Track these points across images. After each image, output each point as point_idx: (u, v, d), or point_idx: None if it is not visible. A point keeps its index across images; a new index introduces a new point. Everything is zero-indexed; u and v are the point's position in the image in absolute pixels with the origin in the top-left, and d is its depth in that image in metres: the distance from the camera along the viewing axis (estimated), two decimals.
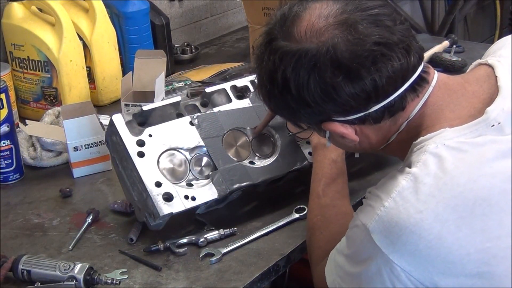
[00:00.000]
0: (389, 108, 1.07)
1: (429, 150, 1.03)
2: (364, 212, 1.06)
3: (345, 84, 1.03)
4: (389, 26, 1.05)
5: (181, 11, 2.63)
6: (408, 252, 0.99)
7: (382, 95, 1.05)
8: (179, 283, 1.27)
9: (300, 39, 1.05)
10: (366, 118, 1.08)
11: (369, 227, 1.03)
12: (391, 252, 1.00)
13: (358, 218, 1.07)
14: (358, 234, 1.06)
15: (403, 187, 1.02)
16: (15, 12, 1.92)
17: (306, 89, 1.05)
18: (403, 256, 1.00)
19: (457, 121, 1.06)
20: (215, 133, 1.43)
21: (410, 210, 0.99)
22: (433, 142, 1.04)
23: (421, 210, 0.99)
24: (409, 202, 1.00)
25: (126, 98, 1.82)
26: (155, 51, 2.01)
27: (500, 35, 4.22)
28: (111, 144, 1.41)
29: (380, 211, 1.02)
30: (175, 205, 1.32)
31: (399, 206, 1.00)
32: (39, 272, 1.27)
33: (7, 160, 1.64)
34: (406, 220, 0.99)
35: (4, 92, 1.60)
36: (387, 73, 1.03)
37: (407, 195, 1.01)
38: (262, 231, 1.39)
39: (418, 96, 1.08)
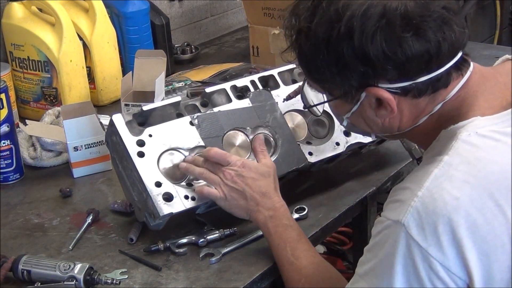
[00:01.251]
0: (434, 82, 1.05)
1: (461, 138, 1.02)
2: (393, 209, 1.02)
3: (413, 41, 1.01)
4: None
5: (181, 11, 2.63)
6: (447, 243, 0.96)
7: (437, 64, 1.04)
8: (179, 283, 1.27)
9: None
10: (411, 89, 1.06)
11: (404, 221, 0.98)
12: (429, 245, 0.96)
13: (386, 219, 1.02)
14: (390, 234, 1.01)
15: (436, 174, 0.99)
16: (15, 12, 1.92)
17: (371, 41, 1.02)
18: (442, 248, 0.96)
19: (489, 111, 1.05)
20: (215, 133, 1.43)
21: (446, 197, 0.97)
22: (465, 130, 1.03)
23: (457, 197, 0.96)
24: (444, 189, 0.97)
25: (126, 98, 1.82)
26: (155, 51, 2.01)
27: (500, 35, 4.21)
28: (111, 144, 1.41)
29: (413, 202, 0.98)
30: (175, 205, 1.32)
31: (433, 194, 0.97)
32: (39, 272, 1.27)
33: (7, 160, 1.64)
34: (443, 208, 0.96)
35: (4, 92, 1.60)
36: (450, 39, 1.03)
37: (442, 182, 0.98)
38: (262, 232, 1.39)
39: (461, 75, 1.07)
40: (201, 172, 1.35)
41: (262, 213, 1.31)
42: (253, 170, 1.33)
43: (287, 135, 1.48)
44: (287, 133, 1.48)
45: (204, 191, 1.33)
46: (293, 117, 1.52)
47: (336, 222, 1.46)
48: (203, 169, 1.35)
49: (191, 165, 1.36)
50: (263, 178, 1.33)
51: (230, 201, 1.33)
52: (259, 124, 1.48)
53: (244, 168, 1.33)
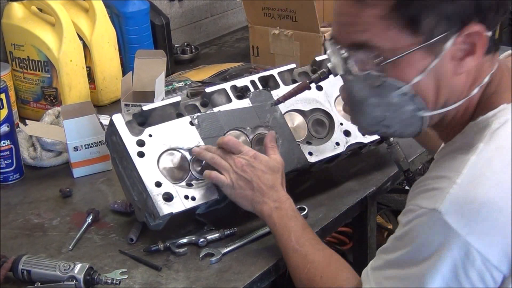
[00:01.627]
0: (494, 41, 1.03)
1: (494, 126, 1.00)
2: (427, 198, 0.98)
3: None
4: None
5: (181, 11, 2.63)
6: (487, 230, 0.93)
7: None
8: (179, 283, 1.27)
9: None
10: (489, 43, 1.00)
11: (441, 209, 0.94)
12: (468, 233, 0.93)
13: (420, 207, 0.98)
14: (424, 223, 0.97)
15: (474, 162, 0.96)
16: (15, 12, 1.92)
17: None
18: (482, 236, 0.93)
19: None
20: (215, 133, 1.43)
21: (487, 184, 0.94)
22: (496, 118, 1.01)
23: (498, 183, 0.94)
24: (484, 175, 0.95)
25: (126, 98, 1.82)
26: (155, 51, 2.01)
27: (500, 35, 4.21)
28: (111, 144, 1.41)
29: (452, 189, 0.95)
30: (175, 205, 1.32)
31: (473, 180, 0.95)
32: (39, 272, 1.27)
33: (7, 160, 1.64)
34: (484, 195, 0.93)
35: (4, 92, 1.60)
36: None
37: (480, 169, 0.96)
38: (262, 231, 1.39)
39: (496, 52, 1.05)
40: (212, 157, 1.35)
41: (267, 204, 1.31)
42: (263, 163, 1.33)
43: (287, 135, 1.48)
44: (287, 133, 1.48)
45: (212, 175, 1.34)
46: (293, 117, 1.52)
47: (336, 222, 1.46)
48: (215, 154, 1.35)
49: (204, 150, 1.37)
50: (272, 172, 1.33)
51: (237, 189, 1.32)
52: (259, 124, 1.48)
53: (255, 160, 1.33)
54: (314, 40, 2.13)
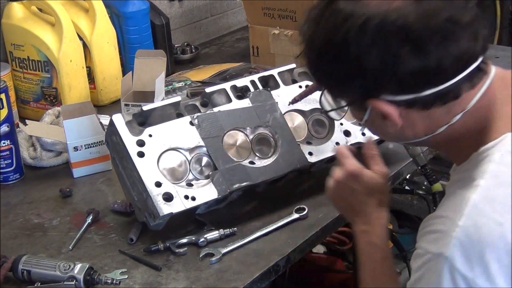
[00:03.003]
0: (442, 95, 1.00)
1: (495, 159, 0.98)
2: (432, 241, 0.97)
3: (410, 56, 0.96)
4: (461, 5, 0.99)
5: (181, 11, 2.63)
6: (495, 271, 0.92)
7: (441, 78, 0.99)
8: (179, 283, 1.27)
9: (367, 3, 0.98)
10: (416, 101, 1.01)
11: (447, 254, 0.94)
12: (476, 276, 0.93)
13: (428, 252, 0.98)
14: (433, 268, 0.96)
15: (475, 201, 0.95)
16: (15, 12, 1.92)
17: (366, 56, 0.98)
18: (490, 278, 0.92)
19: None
20: (215, 133, 1.43)
21: (490, 224, 0.93)
22: (497, 150, 0.99)
23: (502, 222, 0.92)
24: (487, 215, 0.93)
25: (126, 98, 1.82)
26: (155, 51, 2.01)
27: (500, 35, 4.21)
28: (111, 144, 1.41)
29: (455, 233, 0.94)
30: (175, 205, 1.32)
31: (476, 221, 0.93)
32: (39, 272, 1.27)
33: (7, 160, 1.64)
34: (488, 236, 0.92)
35: (4, 92, 1.60)
36: (454, 53, 0.97)
37: (483, 208, 0.94)
38: (262, 231, 1.39)
39: (474, 87, 1.02)
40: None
41: (356, 225, 1.26)
42: (362, 184, 1.24)
43: (287, 135, 1.48)
44: (287, 133, 1.48)
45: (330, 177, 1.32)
46: (293, 117, 1.52)
47: (336, 222, 1.46)
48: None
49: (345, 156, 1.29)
50: (370, 194, 1.24)
51: (333, 200, 1.30)
52: (259, 124, 1.48)
53: (353, 179, 1.25)
54: None
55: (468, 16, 0.99)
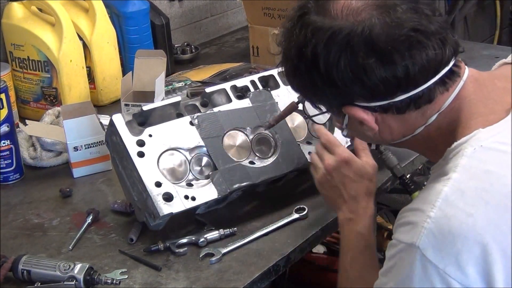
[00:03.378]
0: (415, 100, 1.04)
1: (467, 154, 1.00)
2: (405, 232, 1.00)
3: (377, 67, 1.01)
4: (427, 15, 1.02)
5: (181, 11, 2.63)
6: (465, 261, 0.94)
7: (411, 84, 1.03)
8: (179, 283, 1.27)
9: (335, 16, 1.03)
10: (390, 107, 1.06)
11: (419, 244, 0.96)
12: (446, 265, 0.95)
13: (400, 242, 1.00)
14: (405, 258, 0.99)
15: (447, 193, 0.97)
16: (15, 12, 1.92)
17: (335, 67, 1.02)
18: (460, 268, 0.94)
19: (492, 117, 1.03)
20: (215, 133, 1.43)
21: (460, 216, 0.95)
22: (469, 145, 1.01)
23: (472, 214, 0.94)
24: (457, 207, 0.95)
25: (126, 98, 1.82)
26: (155, 51, 2.01)
27: (500, 35, 4.21)
28: (111, 144, 1.41)
29: (427, 224, 0.96)
30: (175, 205, 1.32)
31: (447, 213, 0.96)
32: (39, 272, 1.27)
33: (7, 160, 1.64)
34: (458, 227, 0.94)
35: (4, 92, 1.60)
36: (421, 61, 1.01)
37: (453, 201, 0.96)
38: (262, 231, 1.39)
39: (447, 90, 1.06)
40: (317, 146, 1.38)
41: (343, 214, 1.31)
42: (353, 169, 1.32)
43: (287, 135, 1.48)
44: (287, 133, 1.48)
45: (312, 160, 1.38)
46: (293, 117, 1.52)
47: (336, 222, 1.45)
48: (319, 145, 1.38)
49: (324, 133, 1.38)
50: (360, 180, 1.31)
51: (322, 188, 1.35)
52: (259, 124, 1.48)
53: (346, 165, 1.32)
54: None
55: (434, 24, 1.03)
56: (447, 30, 1.04)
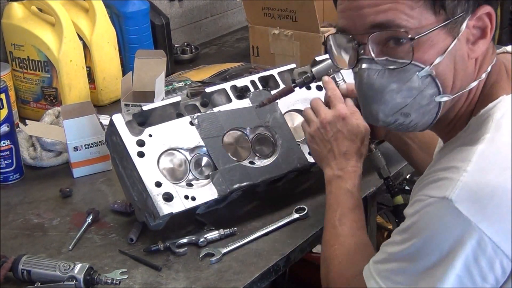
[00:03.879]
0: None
1: (496, 118, 1.00)
2: (437, 187, 0.97)
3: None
4: None
5: (181, 11, 2.63)
6: (500, 217, 0.92)
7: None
8: (179, 283, 1.27)
9: None
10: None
11: (452, 197, 0.93)
12: (480, 220, 0.92)
13: (429, 196, 0.97)
14: (433, 213, 0.96)
15: (482, 150, 0.96)
16: (15, 12, 1.92)
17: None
18: (494, 223, 0.93)
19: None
20: (215, 133, 1.43)
21: (497, 170, 0.94)
22: (497, 109, 1.01)
23: (509, 168, 0.94)
24: (494, 162, 0.95)
25: (126, 98, 1.82)
26: (155, 51, 2.01)
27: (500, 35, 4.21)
28: (111, 144, 1.41)
29: (463, 177, 0.94)
30: (175, 205, 1.32)
31: (484, 167, 0.95)
32: (39, 272, 1.27)
33: (7, 160, 1.64)
34: (495, 180, 0.93)
35: (4, 92, 1.60)
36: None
37: (489, 156, 0.96)
38: (262, 231, 1.39)
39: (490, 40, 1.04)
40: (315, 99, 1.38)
41: (332, 170, 1.32)
42: (347, 127, 1.33)
43: (287, 135, 1.48)
44: (287, 133, 1.48)
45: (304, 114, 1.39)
46: (293, 117, 1.52)
47: None
48: (318, 98, 1.38)
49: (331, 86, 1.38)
50: (352, 139, 1.33)
51: (314, 142, 1.36)
52: (259, 124, 1.48)
53: (342, 121, 1.33)
54: (314, 40, 2.13)
55: None
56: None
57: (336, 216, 1.27)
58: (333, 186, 1.31)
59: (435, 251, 0.96)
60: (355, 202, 1.28)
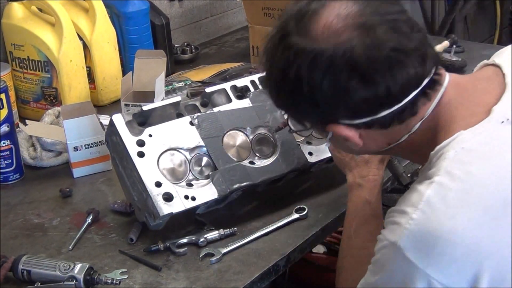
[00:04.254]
0: (398, 114, 1.05)
1: (449, 157, 1.01)
2: (390, 230, 1.03)
3: (359, 87, 1.01)
4: (406, 32, 1.03)
5: (181, 11, 2.63)
6: (446, 263, 0.96)
7: (394, 101, 1.04)
8: (179, 283, 1.27)
9: (316, 38, 1.02)
10: (374, 123, 1.06)
11: (400, 243, 0.99)
12: (427, 266, 0.97)
13: (385, 239, 1.03)
14: (388, 255, 1.02)
15: (429, 196, 0.99)
16: (15, 12, 1.92)
17: (319, 89, 1.03)
18: (441, 269, 0.97)
19: (473, 119, 1.04)
20: (215, 133, 1.43)
21: (441, 218, 0.97)
22: (451, 148, 1.02)
23: (453, 216, 0.96)
24: (439, 210, 0.97)
25: (126, 98, 1.82)
26: (155, 51, 2.01)
27: (500, 35, 4.21)
28: (111, 144, 1.41)
29: (409, 225, 0.98)
30: (175, 205, 1.32)
31: (428, 215, 0.98)
32: (39, 272, 1.27)
33: (7, 160, 1.64)
34: (439, 229, 0.96)
35: (4, 92, 1.60)
36: (402, 80, 1.02)
37: (435, 203, 0.98)
38: (262, 231, 1.39)
39: (429, 100, 1.07)
40: None
41: (353, 177, 1.34)
42: None
43: (287, 135, 1.48)
44: (287, 133, 1.48)
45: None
46: None
47: (336, 222, 1.46)
48: None
49: None
50: None
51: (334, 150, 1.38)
52: (259, 124, 1.48)
53: None
54: None
55: (414, 41, 1.03)
56: (427, 45, 1.06)
57: (352, 226, 1.30)
58: (353, 194, 1.33)
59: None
60: (372, 213, 1.30)
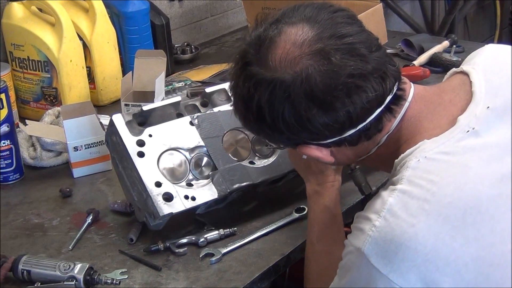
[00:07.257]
0: (365, 132, 1.07)
1: (412, 165, 1.03)
2: (355, 236, 1.05)
3: (319, 115, 1.04)
4: (364, 55, 1.04)
5: (181, 11, 2.63)
6: (407, 269, 0.98)
7: (356, 123, 1.06)
8: (179, 283, 1.27)
9: (274, 68, 1.04)
10: (342, 141, 1.09)
11: (364, 250, 1.01)
12: (389, 271, 0.99)
13: (350, 244, 1.05)
14: (353, 260, 1.05)
15: (391, 204, 1.01)
16: (15, 12, 1.92)
17: (280, 119, 1.05)
18: (402, 274, 0.99)
19: (437, 130, 1.06)
20: (215, 133, 1.43)
21: (403, 226, 0.99)
22: (414, 157, 1.04)
23: (414, 224, 0.98)
24: (400, 218, 0.99)
25: (126, 98, 1.82)
26: (155, 51, 2.01)
27: (500, 35, 4.21)
28: (111, 144, 1.41)
29: (372, 232, 1.01)
30: (175, 205, 1.32)
31: (390, 223, 1.00)
32: (39, 272, 1.27)
33: (7, 160, 1.64)
34: (400, 236, 0.98)
35: (4, 92, 1.60)
36: (362, 104, 1.03)
37: (397, 211, 1.00)
38: (262, 231, 1.39)
39: (394, 116, 1.09)
40: None
41: (311, 185, 1.35)
42: None
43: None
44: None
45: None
46: None
47: None
48: None
49: None
50: None
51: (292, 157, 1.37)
52: None
53: None
54: None
55: (372, 63, 1.04)
56: (386, 63, 1.06)
57: (314, 233, 1.32)
58: (312, 202, 1.35)
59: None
60: (332, 217, 1.32)
